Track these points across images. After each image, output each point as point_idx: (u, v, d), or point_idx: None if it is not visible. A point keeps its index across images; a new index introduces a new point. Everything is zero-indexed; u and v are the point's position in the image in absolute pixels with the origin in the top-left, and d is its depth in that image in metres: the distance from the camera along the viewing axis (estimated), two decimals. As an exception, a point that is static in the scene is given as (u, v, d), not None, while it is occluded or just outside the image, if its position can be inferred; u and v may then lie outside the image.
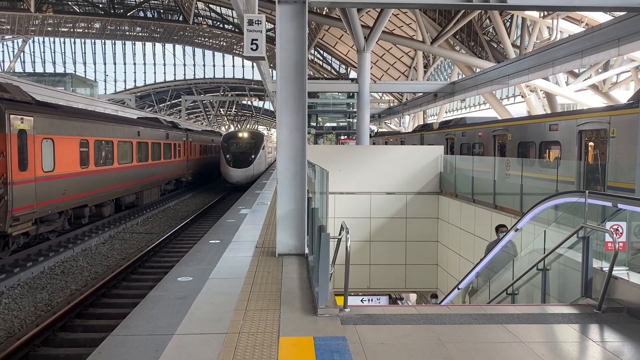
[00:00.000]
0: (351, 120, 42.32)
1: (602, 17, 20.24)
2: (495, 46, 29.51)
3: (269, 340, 4.57)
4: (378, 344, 4.54)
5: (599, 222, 6.37)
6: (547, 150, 14.14)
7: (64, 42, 69.27)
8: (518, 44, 26.89)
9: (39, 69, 68.36)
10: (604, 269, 5.87)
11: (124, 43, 69.80)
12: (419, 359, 4.23)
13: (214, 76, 71.07)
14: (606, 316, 5.39)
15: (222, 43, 67.05)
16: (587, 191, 6.41)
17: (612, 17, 15.14)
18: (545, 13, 21.65)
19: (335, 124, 44.55)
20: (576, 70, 23.77)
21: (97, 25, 59.65)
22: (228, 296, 5.87)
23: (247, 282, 6.46)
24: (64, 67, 68.18)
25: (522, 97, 28.42)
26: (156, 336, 4.64)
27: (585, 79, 24.15)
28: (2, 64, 66.40)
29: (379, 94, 53.39)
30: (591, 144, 12.43)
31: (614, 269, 5.50)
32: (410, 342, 4.60)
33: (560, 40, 18.17)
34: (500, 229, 9.77)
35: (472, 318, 5.27)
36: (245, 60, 66.36)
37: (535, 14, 22.73)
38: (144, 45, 70.19)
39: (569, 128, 12.87)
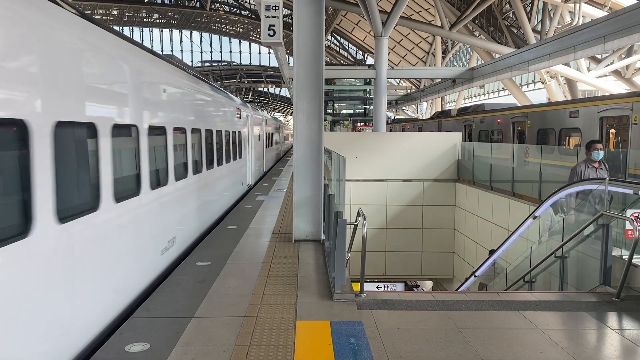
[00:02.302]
0: (368, 107, 42.15)
1: (626, 1, 19.76)
2: (515, 31, 29.03)
3: (286, 324, 4.63)
4: (394, 329, 4.57)
5: (619, 210, 6.30)
6: (567, 138, 13.95)
7: (83, 29, 69.74)
8: (539, 29, 26.43)
9: (58, 56, 69.00)
10: (624, 257, 5.82)
11: (142, 29, 70.05)
12: (435, 344, 4.25)
13: (231, 62, 71.10)
14: (625, 304, 5.34)
15: (238, 29, 66.99)
16: (607, 178, 6.34)
17: (637, 1, 14.78)
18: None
19: (351, 111, 44.39)
20: (598, 56, 23.29)
21: (115, 12, 59.96)
22: (246, 280, 5.95)
23: (264, 267, 6.53)
24: (83, 54, 68.69)
25: (542, 83, 27.99)
26: (176, 318, 4.73)
27: (608, 65, 23.66)
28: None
29: (397, 80, 52.96)
30: (612, 130, 12.23)
31: (634, 257, 5.45)
32: (426, 328, 4.63)
33: (583, 24, 17.81)
34: (594, 145, 8.36)
35: (488, 305, 5.28)
36: (262, 46, 66.30)
37: (557, -3, 22.30)
38: (162, 31, 70.39)
39: (589, 115, 12.67)
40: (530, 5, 26.84)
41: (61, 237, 3.86)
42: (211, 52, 69.03)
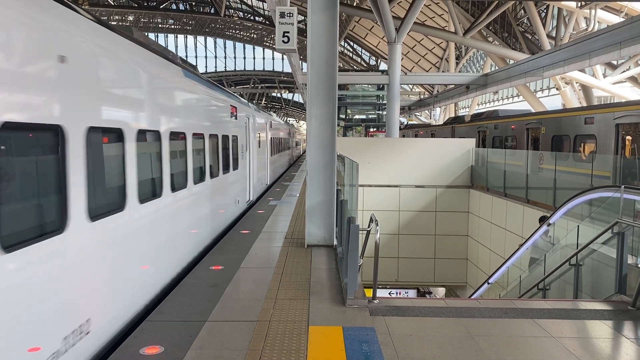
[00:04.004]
0: (381, 112, 42.13)
1: (642, 7, 19.58)
2: (530, 37, 28.87)
3: (299, 329, 4.64)
4: (407, 335, 4.57)
5: (635, 218, 6.24)
6: (582, 144, 13.83)
7: (99, 35, 70.52)
8: (553, 35, 26.26)
9: (75, 61, 69.80)
10: (640, 265, 5.76)
11: (157, 35, 70.75)
12: (447, 351, 4.24)
13: (245, 68, 71.45)
14: (641, 313, 5.29)
15: (252, 35, 67.36)
16: (623, 186, 6.28)
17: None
18: (583, 3, 21.06)
19: (364, 116, 44.41)
20: (614, 62, 23.07)
21: (130, 18, 60.64)
22: (258, 285, 5.98)
23: (276, 272, 6.56)
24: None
25: (557, 89, 27.77)
26: (190, 322, 4.77)
27: (624, 71, 23.43)
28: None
29: (410, 85, 52.89)
30: (629, 137, 12.10)
31: (650, 265, 5.39)
32: (439, 335, 4.61)
33: (598, 30, 17.68)
34: None
35: (502, 312, 5.25)
36: (275, 52, 66.59)
37: (572, 3, 22.13)
38: (176, 37, 71.06)
39: (605, 121, 12.55)
40: (545, 11, 26.69)
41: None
42: (225, 57, 69.50)
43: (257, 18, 58.46)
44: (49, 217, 3.61)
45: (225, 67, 70.51)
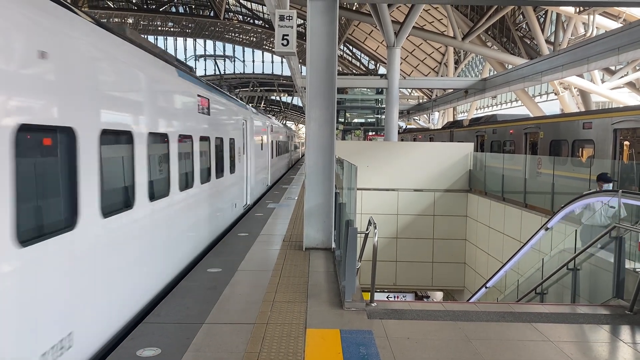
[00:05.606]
0: (379, 116, 42.13)
1: (640, 13, 19.64)
2: (528, 42, 28.95)
3: (296, 332, 4.64)
4: (404, 338, 4.56)
5: (633, 222, 6.25)
6: (580, 149, 13.85)
7: (99, 37, 70.48)
8: (552, 40, 26.33)
9: (74, 63, 69.75)
10: (637, 269, 5.76)
11: (156, 38, 70.75)
12: (445, 355, 4.24)
13: (244, 71, 71.53)
14: (638, 318, 5.29)
15: (252, 38, 67.47)
16: (620, 191, 6.30)
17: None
18: (581, 8, 21.11)
19: (363, 120, 44.40)
20: (612, 68, 23.12)
21: (130, 21, 60.68)
22: (256, 288, 5.97)
23: (274, 275, 6.55)
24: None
25: (555, 94, 27.81)
26: (187, 324, 4.76)
27: (622, 77, 23.47)
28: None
29: (408, 90, 52.94)
30: (626, 142, 12.13)
31: (648, 270, 5.40)
32: (437, 338, 4.61)
33: (596, 36, 17.72)
34: None
35: (499, 316, 5.25)
36: (274, 55, 66.69)
37: (570, 9, 22.18)
38: (176, 40, 71.09)
39: (603, 126, 12.58)
40: (543, 16, 26.77)
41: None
42: (224, 60, 69.49)
43: (256, 21, 58.59)
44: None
45: (224, 69, 70.51)
